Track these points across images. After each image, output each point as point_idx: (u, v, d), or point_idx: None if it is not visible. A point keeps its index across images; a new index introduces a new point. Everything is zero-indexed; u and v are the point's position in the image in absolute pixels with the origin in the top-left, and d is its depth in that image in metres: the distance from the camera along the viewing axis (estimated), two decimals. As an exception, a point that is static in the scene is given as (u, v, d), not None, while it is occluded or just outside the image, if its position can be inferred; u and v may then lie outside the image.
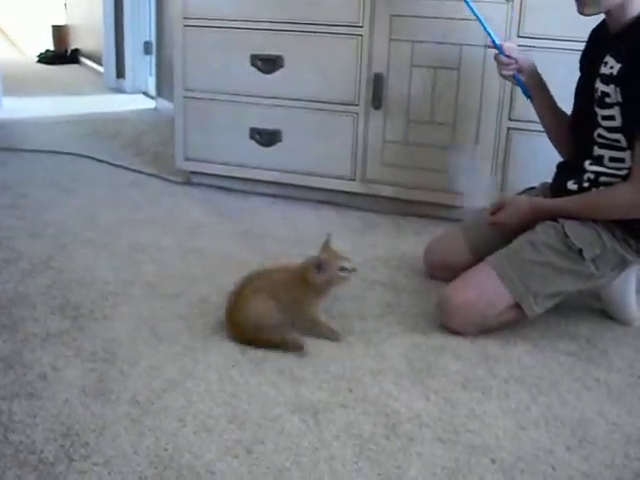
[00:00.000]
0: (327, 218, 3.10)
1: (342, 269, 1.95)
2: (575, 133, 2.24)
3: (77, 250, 2.59)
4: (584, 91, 2.16)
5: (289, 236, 2.84)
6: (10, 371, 1.76)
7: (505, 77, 2.32)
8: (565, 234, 2.01)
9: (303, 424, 1.60)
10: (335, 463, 1.47)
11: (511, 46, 2.29)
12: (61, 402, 1.64)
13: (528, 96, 2.33)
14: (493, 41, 2.28)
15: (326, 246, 2.01)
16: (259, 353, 1.90)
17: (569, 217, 2.04)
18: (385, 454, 1.51)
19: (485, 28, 2.31)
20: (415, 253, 2.62)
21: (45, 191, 3.31)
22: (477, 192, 1.99)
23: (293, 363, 1.86)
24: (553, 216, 2.07)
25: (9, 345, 1.89)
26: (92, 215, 2.99)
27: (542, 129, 2.39)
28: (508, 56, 2.25)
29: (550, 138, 2.37)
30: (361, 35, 2.98)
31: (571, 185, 2.12)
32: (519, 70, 2.28)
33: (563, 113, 2.31)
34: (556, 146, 2.36)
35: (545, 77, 2.31)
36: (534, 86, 2.30)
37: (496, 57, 2.29)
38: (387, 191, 3.11)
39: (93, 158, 3.94)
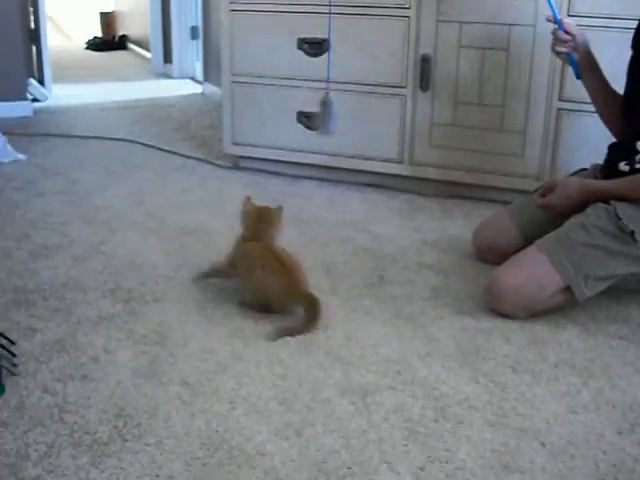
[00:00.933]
0: (373, 201, 3.09)
1: None
2: (626, 113, 2.19)
3: (127, 234, 2.62)
4: (636, 70, 2.12)
5: (335, 219, 2.84)
6: (64, 354, 1.80)
7: (558, 54, 2.26)
8: (617, 216, 1.97)
9: (352, 406, 1.60)
10: (384, 445, 1.48)
11: (571, 23, 2.23)
12: (114, 383, 1.67)
13: (579, 76, 2.29)
14: (555, 15, 2.22)
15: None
16: (307, 335, 1.91)
17: (621, 199, 2.01)
18: (434, 437, 1.51)
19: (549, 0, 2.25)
20: (463, 236, 2.60)
21: (95, 176, 3.35)
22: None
23: (341, 346, 1.87)
24: (604, 198, 2.04)
25: (63, 328, 1.92)
26: (141, 200, 3.02)
27: (593, 110, 2.35)
28: (567, 32, 2.20)
29: (602, 118, 2.32)
30: (408, 17, 2.96)
31: (623, 166, 2.09)
32: (573, 48, 2.23)
33: (615, 93, 2.26)
34: (608, 127, 2.31)
35: (596, 56, 2.26)
36: (586, 66, 2.25)
37: (554, 32, 2.23)
38: (434, 173, 3.09)
39: (142, 143, 3.99)
